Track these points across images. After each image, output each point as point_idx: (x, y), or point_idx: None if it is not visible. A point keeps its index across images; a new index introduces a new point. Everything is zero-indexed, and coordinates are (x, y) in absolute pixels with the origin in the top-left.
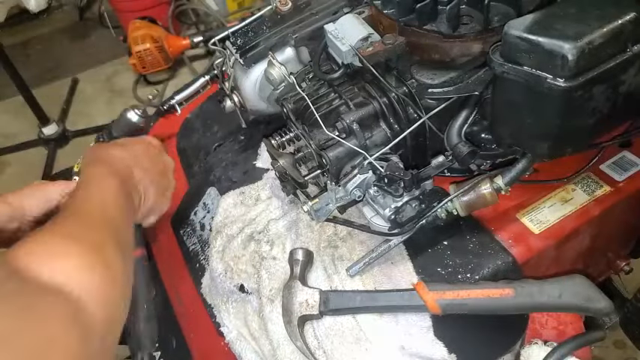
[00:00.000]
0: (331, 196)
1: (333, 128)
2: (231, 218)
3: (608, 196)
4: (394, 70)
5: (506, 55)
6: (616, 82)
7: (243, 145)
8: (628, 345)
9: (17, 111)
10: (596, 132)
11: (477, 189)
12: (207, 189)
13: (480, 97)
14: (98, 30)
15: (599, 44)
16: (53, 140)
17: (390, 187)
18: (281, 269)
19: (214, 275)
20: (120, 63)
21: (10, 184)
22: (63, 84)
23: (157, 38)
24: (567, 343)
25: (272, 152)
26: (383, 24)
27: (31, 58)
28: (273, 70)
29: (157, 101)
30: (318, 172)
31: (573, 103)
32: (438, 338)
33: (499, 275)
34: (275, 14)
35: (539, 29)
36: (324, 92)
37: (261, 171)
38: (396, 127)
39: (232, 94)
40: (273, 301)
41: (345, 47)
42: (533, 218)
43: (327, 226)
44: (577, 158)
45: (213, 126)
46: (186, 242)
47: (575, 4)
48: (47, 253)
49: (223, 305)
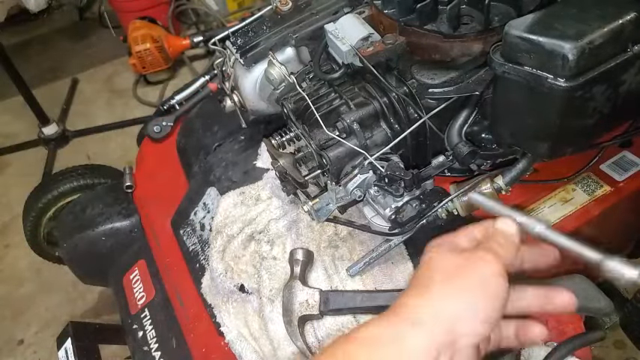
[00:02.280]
0: (332, 196)
1: (334, 128)
2: (231, 218)
3: (608, 196)
4: (394, 70)
5: (506, 55)
6: (616, 82)
7: (243, 145)
8: (628, 345)
9: (17, 111)
10: (596, 132)
11: (477, 189)
12: (208, 189)
13: (481, 97)
14: (98, 30)
15: (599, 44)
16: (53, 140)
17: (391, 187)
18: (281, 269)
19: (214, 275)
20: (120, 63)
21: (10, 184)
22: (63, 84)
23: (157, 38)
24: (567, 343)
25: (272, 152)
26: (383, 24)
27: (31, 58)
28: (273, 70)
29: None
30: (318, 172)
31: (574, 103)
32: None
33: None
34: (275, 14)
35: (540, 29)
36: (324, 92)
37: (262, 171)
38: (396, 127)
39: (232, 94)
40: (274, 301)
41: (346, 47)
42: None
43: (328, 226)
44: (577, 158)
45: (213, 126)
46: (186, 242)
47: (575, 4)
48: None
49: (223, 305)
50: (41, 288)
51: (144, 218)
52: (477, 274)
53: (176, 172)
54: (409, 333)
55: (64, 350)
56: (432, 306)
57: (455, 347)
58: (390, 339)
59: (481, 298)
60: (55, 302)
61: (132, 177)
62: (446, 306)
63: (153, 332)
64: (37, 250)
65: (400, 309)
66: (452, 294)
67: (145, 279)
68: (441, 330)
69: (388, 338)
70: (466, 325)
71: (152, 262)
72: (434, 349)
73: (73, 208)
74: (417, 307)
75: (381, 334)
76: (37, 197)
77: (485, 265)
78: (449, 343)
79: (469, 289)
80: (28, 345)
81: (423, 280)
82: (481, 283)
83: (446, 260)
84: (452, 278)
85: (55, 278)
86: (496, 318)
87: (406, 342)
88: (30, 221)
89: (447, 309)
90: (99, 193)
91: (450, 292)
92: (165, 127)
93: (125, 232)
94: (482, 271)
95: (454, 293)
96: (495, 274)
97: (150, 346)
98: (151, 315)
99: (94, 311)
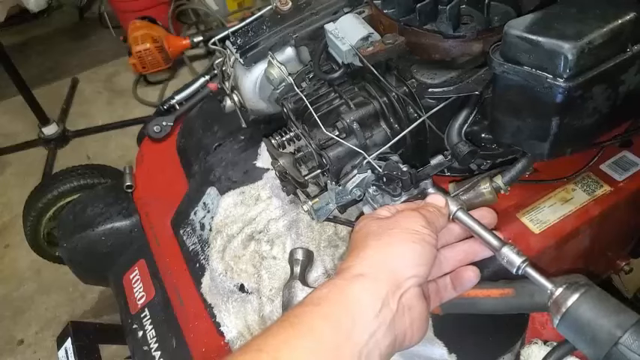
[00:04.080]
0: (331, 196)
1: (333, 128)
2: (231, 218)
3: (608, 196)
4: (394, 69)
5: (506, 55)
6: (616, 82)
7: (243, 144)
8: None
9: (17, 111)
10: (596, 132)
11: (476, 188)
12: (208, 189)
13: (481, 97)
14: (98, 30)
15: (599, 44)
16: (53, 140)
17: (389, 187)
18: (281, 269)
19: (214, 275)
20: (120, 63)
21: (10, 184)
22: (63, 84)
23: (157, 38)
24: (567, 343)
25: (272, 152)
26: (383, 24)
27: (31, 58)
28: (273, 70)
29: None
30: (318, 172)
31: (573, 103)
32: (438, 338)
33: (499, 275)
34: (275, 14)
35: (539, 29)
36: (324, 92)
37: (262, 171)
38: (396, 127)
39: (232, 93)
40: (274, 301)
41: (346, 47)
42: (533, 218)
43: (328, 226)
44: (577, 158)
45: (213, 126)
46: (186, 242)
47: (575, 4)
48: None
49: (223, 305)
50: (41, 288)
51: (144, 218)
52: (405, 227)
53: (176, 172)
54: (354, 286)
55: (64, 350)
56: (371, 258)
57: (400, 290)
58: (336, 296)
59: (412, 245)
60: (55, 302)
61: (132, 177)
62: (384, 257)
63: (153, 332)
64: (37, 250)
65: (342, 272)
66: (386, 246)
67: (144, 279)
68: (383, 277)
69: (335, 296)
70: (405, 269)
71: (152, 261)
72: (382, 294)
73: (73, 208)
74: (357, 264)
75: (327, 294)
76: (37, 197)
77: (411, 219)
78: (394, 287)
79: (401, 239)
80: (28, 345)
81: (357, 243)
82: (410, 233)
83: (374, 224)
84: (383, 235)
85: (55, 278)
86: (430, 258)
87: (352, 295)
88: (30, 221)
89: (385, 259)
90: (99, 192)
91: (385, 245)
92: (165, 127)
93: (125, 232)
94: (408, 223)
95: (388, 245)
96: (421, 224)
97: (150, 346)
98: (151, 315)
99: (94, 311)
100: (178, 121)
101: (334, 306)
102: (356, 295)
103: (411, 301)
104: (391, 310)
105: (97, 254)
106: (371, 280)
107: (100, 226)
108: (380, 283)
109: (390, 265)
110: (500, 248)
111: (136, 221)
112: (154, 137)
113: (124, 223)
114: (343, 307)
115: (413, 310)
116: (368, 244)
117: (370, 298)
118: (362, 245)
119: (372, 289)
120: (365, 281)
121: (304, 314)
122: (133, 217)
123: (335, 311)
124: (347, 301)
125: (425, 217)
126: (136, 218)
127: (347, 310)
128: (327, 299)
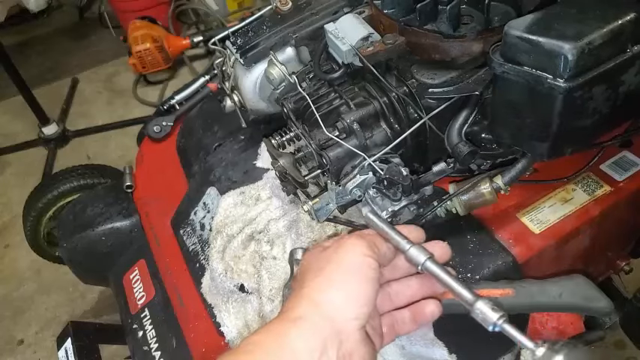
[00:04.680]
0: (331, 196)
1: (334, 128)
2: (231, 218)
3: (608, 196)
4: (394, 69)
5: (506, 55)
6: (616, 83)
7: (243, 145)
8: (628, 345)
9: (17, 111)
10: (596, 132)
11: (476, 188)
12: (208, 189)
13: (481, 97)
14: (98, 30)
15: (599, 44)
16: (53, 140)
17: (389, 191)
18: (281, 269)
19: (214, 275)
20: (120, 63)
21: (10, 184)
22: (63, 84)
23: (157, 38)
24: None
25: (272, 152)
26: (383, 24)
27: (31, 58)
28: (273, 70)
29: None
30: (318, 172)
31: (573, 103)
32: (438, 338)
33: (499, 275)
34: (275, 14)
35: (540, 29)
36: (324, 92)
37: (262, 171)
38: (396, 127)
39: (232, 93)
40: (274, 301)
41: (346, 47)
42: (533, 218)
43: (328, 226)
44: (577, 158)
45: (213, 126)
46: (186, 242)
47: (575, 4)
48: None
49: (223, 305)
50: (41, 288)
51: (144, 218)
52: (344, 258)
53: (176, 172)
54: (291, 331)
55: (64, 350)
56: (310, 299)
57: (341, 336)
58: (273, 343)
59: (353, 280)
60: (55, 302)
61: (132, 177)
62: (322, 297)
63: (153, 332)
64: (37, 250)
65: (282, 314)
66: (325, 284)
67: (144, 279)
68: (323, 321)
69: (271, 342)
70: (345, 309)
71: (152, 261)
72: (319, 343)
73: (73, 207)
74: (296, 306)
75: (264, 340)
76: (37, 197)
77: (352, 247)
78: (334, 332)
79: (340, 275)
80: (28, 345)
81: (298, 282)
82: (349, 265)
83: (315, 258)
84: (322, 270)
85: (55, 278)
86: (372, 296)
87: (289, 341)
88: (30, 221)
89: (324, 299)
90: (99, 192)
91: (323, 283)
92: (165, 127)
93: (125, 232)
94: (348, 254)
95: (327, 283)
96: (362, 253)
97: (150, 346)
98: (151, 315)
99: (94, 311)
100: (178, 121)
101: (267, 356)
102: (291, 344)
103: (352, 348)
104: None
105: (97, 254)
106: (308, 325)
107: (100, 226)
108: (318, 329)
109: (329, 307)
110: (474, 303)
111: (136, 221)
112: (153, 137)
113: (124, 223)
114: (277, 358)
115: (355, 355)
116: (306, 282)
117: (306, 348)
118: (301, 282)
119: (309, 337)
120: (302, 326)
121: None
122: (133, 217)
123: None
124: (281, 352)
125: (366, 241)
126: (136, 218)
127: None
128: (260, 347)
